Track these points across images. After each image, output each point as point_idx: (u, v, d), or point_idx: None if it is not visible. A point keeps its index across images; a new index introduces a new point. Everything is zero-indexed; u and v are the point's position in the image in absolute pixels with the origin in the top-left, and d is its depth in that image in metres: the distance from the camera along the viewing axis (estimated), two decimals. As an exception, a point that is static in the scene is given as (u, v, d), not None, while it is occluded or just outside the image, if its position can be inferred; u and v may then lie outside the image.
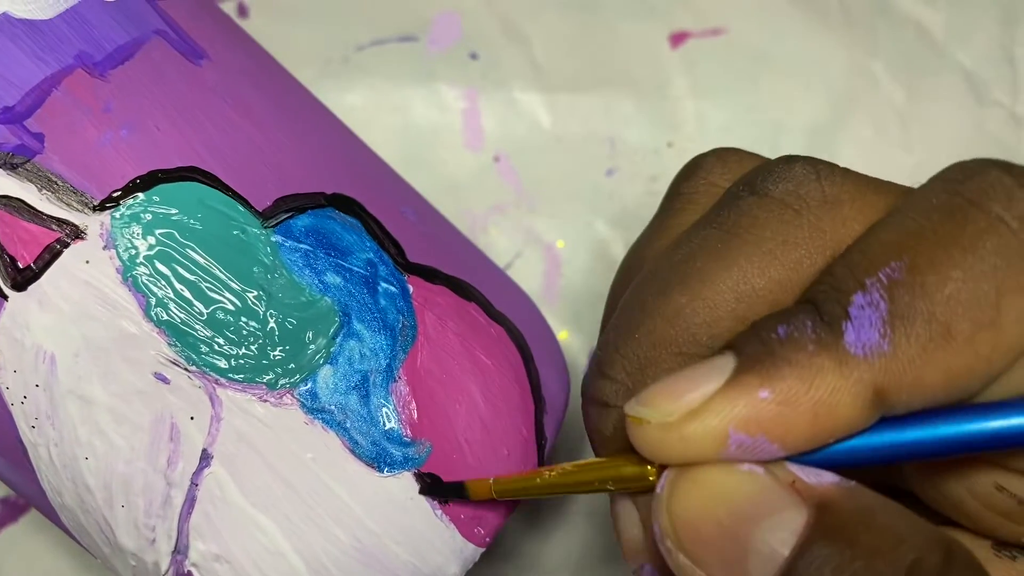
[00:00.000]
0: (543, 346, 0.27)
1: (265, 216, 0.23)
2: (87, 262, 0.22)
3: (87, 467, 0.23)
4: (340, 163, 0.26)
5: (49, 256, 0.22)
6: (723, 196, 0.22)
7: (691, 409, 0.19)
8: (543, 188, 0.35)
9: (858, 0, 0.35)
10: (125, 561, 0.24)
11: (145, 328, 0.22)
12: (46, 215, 0.22)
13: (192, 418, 0.23)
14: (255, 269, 0.23)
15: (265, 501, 0.23)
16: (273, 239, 0.23)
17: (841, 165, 0.21)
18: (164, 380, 0.22)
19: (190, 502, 0.23)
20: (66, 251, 0.22)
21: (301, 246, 0.24)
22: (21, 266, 0.22)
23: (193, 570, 0.23)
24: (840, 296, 0.19)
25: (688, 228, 0.22)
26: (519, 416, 0.25)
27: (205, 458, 0.23)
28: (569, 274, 0.34)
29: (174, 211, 0.23)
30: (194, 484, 0.23)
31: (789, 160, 0.21)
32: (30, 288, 0.22)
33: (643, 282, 0.22)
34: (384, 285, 0.24)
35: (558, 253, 0.35)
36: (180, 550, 0.23)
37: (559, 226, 0.35)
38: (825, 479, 0.19)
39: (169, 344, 0.22)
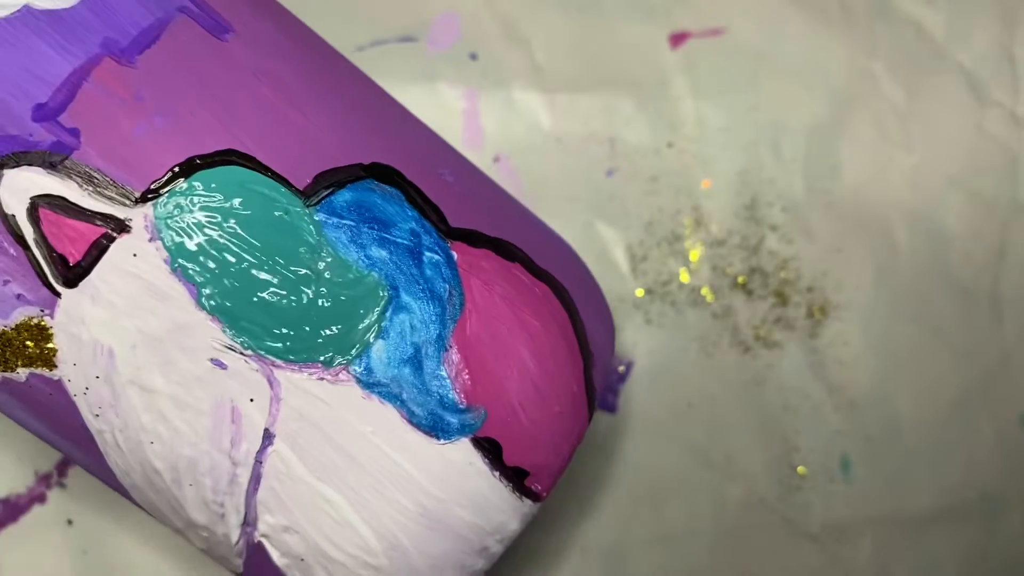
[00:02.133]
0: (586, 294, 0.27)
1: (306, 194, 0.24)
2: (134, 255, 0.23)
3: (152, 451, 0.23)
4: (375, 129, 0.26)
5: (96, 252, 0.23)
6: None
7: None
8: (543, 188, 0.35)
9: (858, 0, 0.35)
10: (197, 533, 0.24)
11: (198, 316, 0.23)
12: (90, 211, 0.23)
13: (252, 400, 0.23)
14: (301, 249, 0.23)
15: (329, 475, 0.23)
16: (316, 217, 0.24)
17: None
18: (222, 366, 0.23)
19: (256, 479, 0.23)
20: (113, 245, 0.23)
21: (344, 222, 0.24)
22: (71, 263, 0.23)
23: (263, 540, 0.24)
24: None
25: None
26: (569, 373, 0.26)
27: (267, 437, 0.23)
28: (569, 274, 0.34)
29: (216, 197, 0.23)
30: (258, 462, 0.23)
31: None
32: (81, 284, 0.23)
33: None
34: (429, 254, 0.24)
35: (558, 253, 0.35)
36: (249, 522, 0.24)
37: (559, 226, 0.35)
38: None
39: (223, 330, 0.23)
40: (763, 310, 0.35)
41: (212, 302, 0.23)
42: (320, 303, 0.23)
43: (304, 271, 0.23)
